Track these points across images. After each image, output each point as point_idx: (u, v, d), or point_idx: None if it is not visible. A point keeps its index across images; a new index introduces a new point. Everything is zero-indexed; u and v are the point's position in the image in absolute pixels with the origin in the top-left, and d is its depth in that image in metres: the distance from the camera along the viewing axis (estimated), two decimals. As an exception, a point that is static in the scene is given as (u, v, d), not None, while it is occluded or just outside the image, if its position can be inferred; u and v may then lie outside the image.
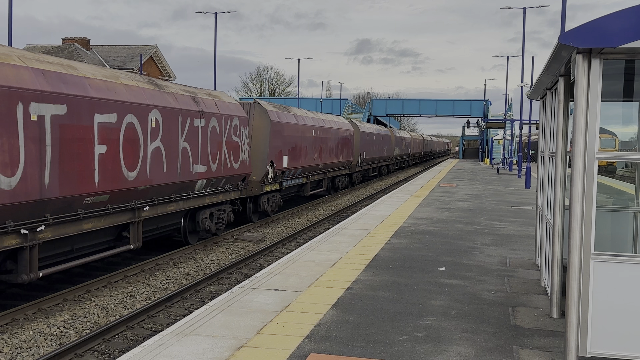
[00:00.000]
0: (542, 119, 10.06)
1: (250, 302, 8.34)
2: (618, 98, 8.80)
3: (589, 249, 6.02)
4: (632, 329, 6.00)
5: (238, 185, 17.93)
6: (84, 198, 10.95)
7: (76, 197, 10.72)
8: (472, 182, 33.40)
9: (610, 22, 5.62)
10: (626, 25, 5.59)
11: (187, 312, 10.79)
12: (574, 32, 5.71)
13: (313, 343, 6.77)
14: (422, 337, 7.02)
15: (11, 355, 8.55)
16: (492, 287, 9.43)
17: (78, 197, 10.78)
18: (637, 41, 5.58)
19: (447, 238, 13.98)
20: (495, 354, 6.54)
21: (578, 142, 5.99)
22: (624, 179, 22.31)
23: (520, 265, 11.19)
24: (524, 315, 7.99)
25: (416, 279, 9.89)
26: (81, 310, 10.63)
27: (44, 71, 10.16)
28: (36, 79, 9.85)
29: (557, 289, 7.81)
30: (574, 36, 5.71)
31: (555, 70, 7.36)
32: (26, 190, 9.52)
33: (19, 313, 10.06)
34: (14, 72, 9.45)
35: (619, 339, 6.03)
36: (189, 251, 15.67)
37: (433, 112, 76.78)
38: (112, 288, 12.07)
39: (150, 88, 13.53)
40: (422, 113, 77.50)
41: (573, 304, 6.08)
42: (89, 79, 11.31)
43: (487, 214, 18.87)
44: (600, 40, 5.65)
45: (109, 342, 9.18)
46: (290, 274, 10.08)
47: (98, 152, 11.27)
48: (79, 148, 10.77)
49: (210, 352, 6.46)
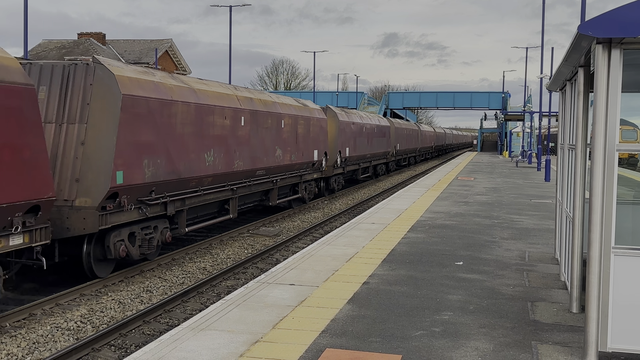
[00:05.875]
0: (562, 111, 9.97)
1: (266, 297, 8.36)
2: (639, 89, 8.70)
3: (609, 242, 5.97)
4: (654, 324, 5.94)
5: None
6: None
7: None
8: (490, 175, 33.24)
9: (631, 12, 5.55)
10: (647, 14, 5.51)
11: (203, 306, 10.85)
12: (594, 22, 5.65)
13: (329, 338, 6.78)
14: (439, 332, 7.01)
15: (29, 350, 8.65)
16: (510, 282, 9.39)
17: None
18: (659, 30, 5.50)
19: (464, 232, 13.93)
20: (514, 350, 6.51)
21: (598, 134, 5.93)
22: (645, 171, 22.05)
23: (539, 259, 11.13)
24: (543, 310, 7.94)
25: (433, 273, 9.87)
26: (98, 305, 10.73)
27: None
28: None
29: (577, 284, 7.75)
30: (594, 26, 5.65)
31: (574, 61, 7.29)
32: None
33: (36, 308, 10.17)
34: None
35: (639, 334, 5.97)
36: (205, 246, 15.75)
37: (451, 105, 76.40)
38: (129, 283, 12.17)
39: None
40: (439, 106, 77.15)
41: (593, 298, 6.03)
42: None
43: (506, 207, 18.77)
44: (621, 30, 5.58)
45: (126, 337, 9.26)
46: (306, 268, 10.10)
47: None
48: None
49: (226, 346, 6.49)
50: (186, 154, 13.94)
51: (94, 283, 11.58)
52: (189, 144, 14.07)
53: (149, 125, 12.52)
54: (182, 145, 13.81)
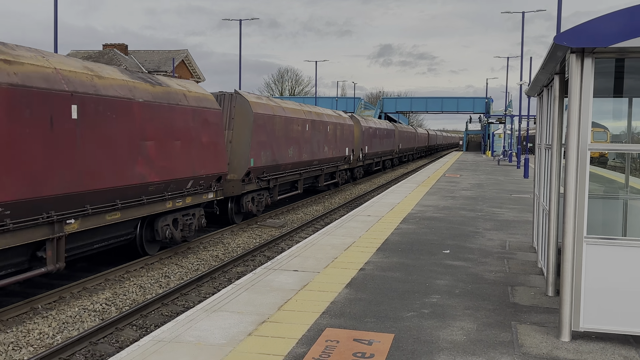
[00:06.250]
0: (539, 114, 9.95)
1: (272, 282, 8.36)
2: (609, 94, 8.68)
3: (581, 233, 5.96)
4: (621, 306, 5.94)
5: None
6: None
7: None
8: (474, 173, 33.19)
9: (602, 24, 5.54)
10: (616, 26, 5.50)
11: (215, 290, 10.85)
12: (568, 33, 5.64)
13: (329, 318, 6.78)
14: (428, 314, 7.00)
15: (59, 329, 8.66)
16: (492, 268, 9.38)
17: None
18: (626, 41, 5.50)
19: (451, 223, 13.91)
20: (496, 329, 6.50)
21: (572, 135, 5.92)
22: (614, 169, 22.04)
23: (518, 248, 11.11)
24: (521, 294, 7.93)
25: (423, 260, 9.86)
26: (121, 289, 10.73)
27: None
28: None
29: (552, 270, 7.75)
30: (568, 37, 5.64)
31: (551, 69, 7.27)
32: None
33: (65, 291, 10.18)
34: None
35: (609, 315, 5.97)
36: (217, 236, 15.74)
37: (439, 109, 76.23)
38: (149, 269, 12.17)
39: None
40: (429, 110, 77.01)
41: (567, 283, 6.03)
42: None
43: (489, 201, 18.74)
44: (592, 41, 5.57)
45: (146, 317, 9.26)
46: (309, 256, 10.09)
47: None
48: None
49: (236, 326, 6.49)
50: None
51: (117, 269, 11.59)
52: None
53: (265, 131, 18.25)
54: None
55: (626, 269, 5.91)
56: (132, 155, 11.08)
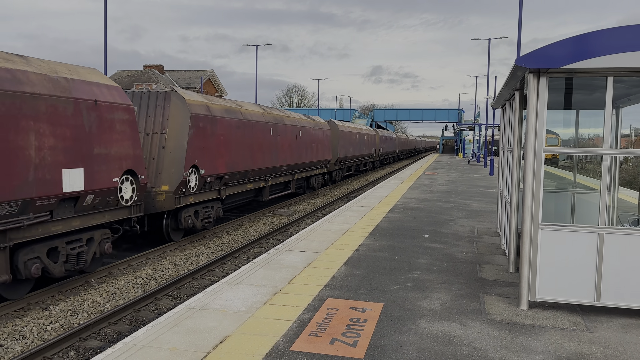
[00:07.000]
0: (503, 123, 9.94)
1: (283, 260, 8.37)
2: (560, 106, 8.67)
3: (537, 220, 5.97)
4: (569, 281, 5.96)
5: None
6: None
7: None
8: (449, 171, 33.13)
9: (554, 49, 5.54)
10: (565, 51, 5.51)
11: (236, 267, 10.88)
12: (527, 57, 5.64)
13: (330, 290, 6.80)
14: (411, 287, 7.02)
15: (108, 299, 8.69)
16: (464, 249, 9.38)
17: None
18: (574, 63, 5.50)
19: (430, 213, 13.91)
20: (466, 299, 6.52)
21: (529, 140, 5.93)
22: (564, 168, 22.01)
23: (485, 233, 11.11)
24: (488, 270, 7.94)
25: (407, 243, 9.86)
26: (159, 265, 10.76)
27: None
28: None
29: (513, 251, 7.75)
30: (527, 59, 5.64)
31: (512, 86, 7.27)
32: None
33: (113, 268, 10.21)
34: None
35: (559, 287, 5.98)
36: (238, 223, 15.75)
37: (420, 119, 76.07)
38: (182, 250, 12.19)
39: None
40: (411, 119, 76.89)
41: (525, 261, 6.04)
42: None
43: (461, 194, 18.72)
44: (546, 63, 5.57)
45: (180, 289, 9.29)
46: (313, 239, 10.10)
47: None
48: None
49: (253, 296, 6.51)
50: (350, 148, 24.21)
51: (156, 249, 11.61)
52: (352, 145, 24.59)
53: (343, 139, 20.11)
54: (349, 147, 23.77)
55: (573, 251, 5.92)
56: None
